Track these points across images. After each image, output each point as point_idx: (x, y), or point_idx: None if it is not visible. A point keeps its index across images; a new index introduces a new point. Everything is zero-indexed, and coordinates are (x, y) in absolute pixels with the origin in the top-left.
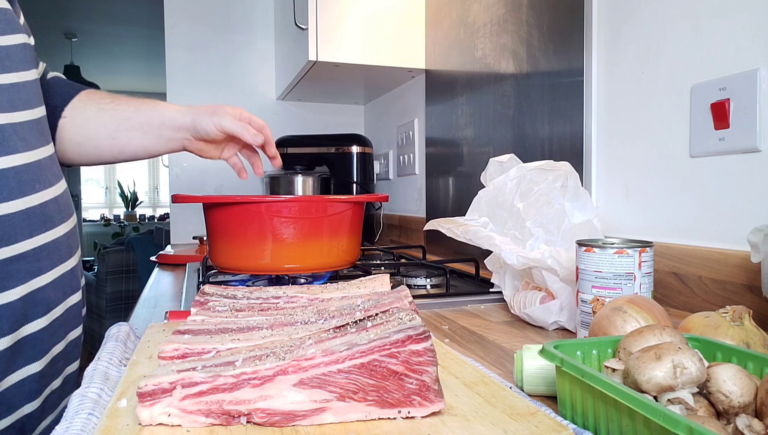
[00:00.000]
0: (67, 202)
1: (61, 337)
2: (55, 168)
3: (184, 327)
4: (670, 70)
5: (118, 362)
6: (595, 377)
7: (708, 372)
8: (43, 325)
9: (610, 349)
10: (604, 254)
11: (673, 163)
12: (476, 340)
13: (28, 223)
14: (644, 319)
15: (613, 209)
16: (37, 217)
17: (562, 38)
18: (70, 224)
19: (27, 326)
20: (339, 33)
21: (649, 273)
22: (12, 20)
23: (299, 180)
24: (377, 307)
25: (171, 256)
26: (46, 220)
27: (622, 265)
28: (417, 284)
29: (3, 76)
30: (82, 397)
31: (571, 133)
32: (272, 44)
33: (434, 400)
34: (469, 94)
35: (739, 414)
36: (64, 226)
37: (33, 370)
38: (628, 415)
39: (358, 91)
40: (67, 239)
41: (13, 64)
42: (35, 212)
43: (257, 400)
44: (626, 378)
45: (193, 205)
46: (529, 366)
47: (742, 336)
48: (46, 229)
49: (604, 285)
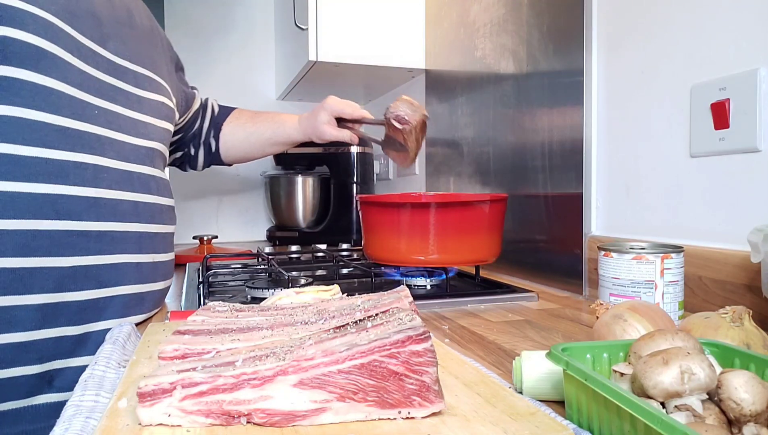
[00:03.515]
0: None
1: None
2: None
3: (184, 327)
4: (670, 70)
5: (116, 365)
6: (598, 381)
7: (720, 378)
8: None
9: (622, 352)
10: (622, 260)
11: (673, 163)
12: (476, 340)
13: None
14: (645, 327)
15: (613, 209)
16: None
17: (562, 38)
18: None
19: None
20: (339, 33)
21: (676, 281)
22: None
23: (299, 180)
24: (377, 307)
25: None
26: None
27: (641, 272)
28: (417, 284)
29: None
30: (77, 407)
31: (571, 133)
32: (272, 44)
33: (434, 401)
34: (469, 94)
35: (749, 422)
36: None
37: None
38: (629, 421)
39: (358, 91)
40: None
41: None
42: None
43: (257, 401)
44: (633, 383)
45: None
46: (528, 372)
47: (742, 337)
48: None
49: (621, 293)
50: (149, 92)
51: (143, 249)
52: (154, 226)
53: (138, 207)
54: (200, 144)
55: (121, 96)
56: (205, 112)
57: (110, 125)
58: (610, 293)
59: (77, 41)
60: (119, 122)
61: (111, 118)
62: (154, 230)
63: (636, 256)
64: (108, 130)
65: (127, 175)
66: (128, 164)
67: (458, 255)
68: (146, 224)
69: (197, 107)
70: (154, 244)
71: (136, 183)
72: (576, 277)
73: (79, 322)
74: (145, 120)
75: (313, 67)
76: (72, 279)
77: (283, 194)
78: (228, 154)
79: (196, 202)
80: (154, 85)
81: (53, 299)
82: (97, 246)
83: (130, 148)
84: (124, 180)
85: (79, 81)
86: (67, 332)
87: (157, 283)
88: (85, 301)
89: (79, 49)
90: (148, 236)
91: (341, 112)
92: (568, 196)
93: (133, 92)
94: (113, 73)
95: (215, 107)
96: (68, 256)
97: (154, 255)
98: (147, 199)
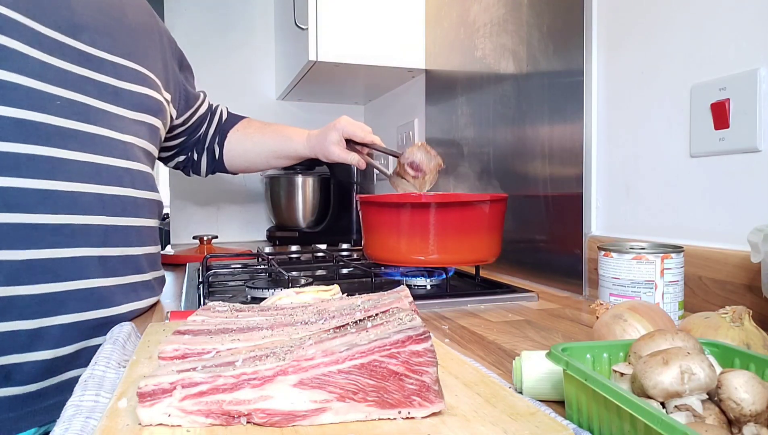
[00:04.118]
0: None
1: None
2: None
3: (184, 327)
4: (670, 70)
5: (117, 365)
6: (598, 381)
7: (720, 378)
8: None
9: (622, 352)
10: (622, 259)
11: (673, 163)
12: (476, 340)
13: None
14: (645, 327)
15: (613, 209)
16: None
17: (562, 38)
18: None
19: None
20: (339, 33)
21: (676, 281)
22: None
23: (299, 180)
24: (377, 307)
25: (171, 256)
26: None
27: (641, 272)
28: (417, 284)
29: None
30: (77, 407)
31: (571, 133)
32: (272, 44)
33: (434, 401)
34: (469, 94)
35: (749, 422)
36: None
37: None
38: (629, 421)
39: (358, 91)
40: None
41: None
42: None
43: (257, 401)
44: (633, 383)
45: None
46: (528, 372)
47: (742, 337)
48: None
49: (621, 293)
50: (131, 84)
51: (109, 242)
52: (126, 220)
53: (104, 199)
54: (204, 149)
55: (93, 87)
56: (213, 118)
57: (77, 116)
58: (610, 293)
59: (38, 33)
60: (88, 114)
61: (78, 109)
62: (125, 223)
63: (636, 256)
64: (73, 121)
65: (93, 167)
66: (95, 156)
67: (458, 255)
68: (114, 217)
69: (203, 112)
70: (126, 237)
71: (103, 175)
72: (576, 277)
73: (33, 316)
74: (121, 113)
75: (313, 67)
76: (26, 272)
77: (283, 194)
78: (232, 163)
79: (196, 202)
80: (139, 78)
81: (5, 293)
82: (53, 239)
83: (100, 141)
84: (88, 172)
85: (39, 72)
86: (21, 326)
87: (128, 277)
88: (40, 295)
89: (41, 41)
90: (116, 229)
91: (353, 134)
92: (568, 196)
93: (109, 83)
94: (85, 63)
95: (224, 114)
96: (21, 249)
97: (124, 248)
98: (116, 192)
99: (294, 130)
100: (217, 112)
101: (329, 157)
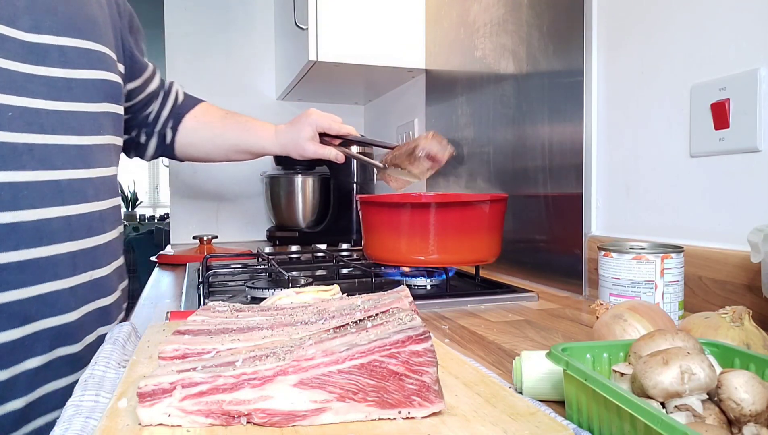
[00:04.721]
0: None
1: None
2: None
3: (184, 327)
4: (670, 70)
5: (117, 365)
6: (598, 381)
7: (720, 378)
8: None
9: (622, 352)
10: (622, 259)
11: (673, 163)
12: (476, 340)
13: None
14: (645, 327)
15: (613, 209)
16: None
17: (562, 38)
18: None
19: None
20: (339, 33)
21: (676, 281)
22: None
23: (299, 180)
24: (377, 307)
25: (171, 256)
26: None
27: (641, 272)
28: (417, 284)
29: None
30: (77, 407)
31: (571, 133)
32: (272, 44)
33: (434, 401)
34: (469, 94)
35: (749, 422)
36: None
37: None
38: (629, 421)
39: (358, 91)
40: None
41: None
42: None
43: (257, 401)
44: (633, 383)
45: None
46: (528, 372)
47: (742, 337)
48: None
49: (621, 293)
50: (84, 70)
51: (78, 269)
52: (93, 240)
53: (70, 222)
54: (153, 132)
55: (42, 86)
56: (167, 98)
57: (29, 127)
58: (610, 293)
59: None
60: (41, 121)
61: (29, 118)
62: (92, 244)
63: (636, 256)
64: (26, 134)
65: (55, 185)
66: (55, 172)
67: (458, 255)
68: (82, 240)
69: (154, 88)
70: (94, 259)
71: (66, 193)
72: (576, 277)
73: (6, 366)
74: (76, 108)
75: (313, 67)
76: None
77: (283, 194)
78: (184, 151)
79: (196, 202)
80: (92, 59)
81: None
82: (19, 278)
83: (58, 151)
84: (50, 194)
85: None
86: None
87: (98, 301)
88: (9, 343)
89: None
90: (84, 253)
91: (328, 127)
92: (568, 196)
93: (59, 77)
94: (29, 58)
95: (179, 95)
96: None
97: (93, 272)
98: (83, 210)
99: (259, 124)
100: (172, 92)
101: (303, 155)
